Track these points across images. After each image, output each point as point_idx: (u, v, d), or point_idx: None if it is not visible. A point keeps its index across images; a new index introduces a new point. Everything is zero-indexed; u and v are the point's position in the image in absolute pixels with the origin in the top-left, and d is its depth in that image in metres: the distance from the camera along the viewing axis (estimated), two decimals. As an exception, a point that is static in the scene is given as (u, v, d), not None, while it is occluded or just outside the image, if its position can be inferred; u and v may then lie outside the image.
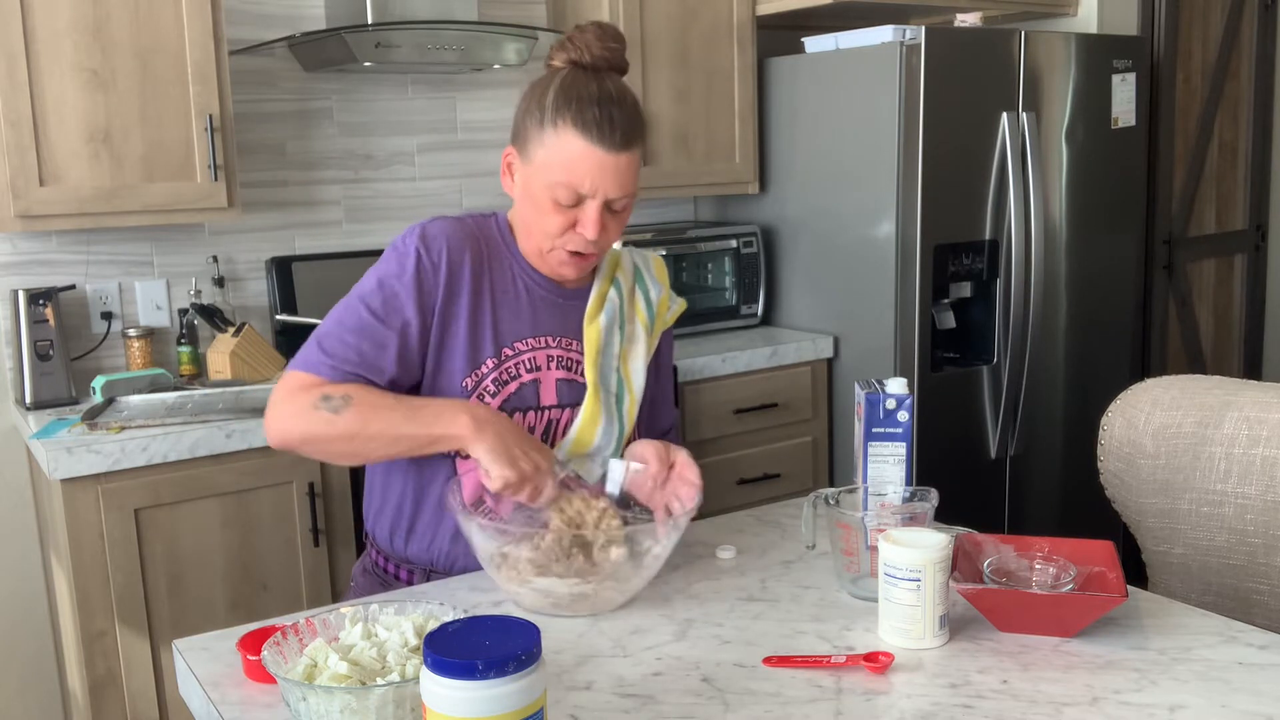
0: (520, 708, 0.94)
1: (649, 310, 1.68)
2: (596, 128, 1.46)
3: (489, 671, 0.92)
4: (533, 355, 1.58)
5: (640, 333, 1.67)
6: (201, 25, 2.48)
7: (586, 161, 1.47)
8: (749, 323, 3.39)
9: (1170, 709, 1.15)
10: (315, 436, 1.47)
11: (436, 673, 0.93)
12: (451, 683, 0.92)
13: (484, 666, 0.92)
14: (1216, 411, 1.74)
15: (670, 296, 1.73)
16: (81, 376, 2.66)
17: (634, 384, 1.65)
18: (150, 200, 2.47)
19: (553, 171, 1.48)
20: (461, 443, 1.44)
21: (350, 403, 1.45)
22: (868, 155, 3.06)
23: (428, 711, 0.95)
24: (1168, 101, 3.68)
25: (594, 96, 1.47)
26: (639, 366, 1.66)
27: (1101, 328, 3.43)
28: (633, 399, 1.64)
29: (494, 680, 0.92)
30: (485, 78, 3.20)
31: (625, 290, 1.66)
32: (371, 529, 1.69)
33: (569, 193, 1.49)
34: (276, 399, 1.49)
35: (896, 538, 1.30)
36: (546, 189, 1.49)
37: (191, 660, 1.32)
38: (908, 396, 1.46)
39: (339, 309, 1.54)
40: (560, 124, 1.47)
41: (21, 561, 2.72)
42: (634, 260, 1.71)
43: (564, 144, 1.47)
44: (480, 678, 0.92)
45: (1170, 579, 1.81)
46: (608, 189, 1.49)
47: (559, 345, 1.60)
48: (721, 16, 3.24)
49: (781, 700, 1.18)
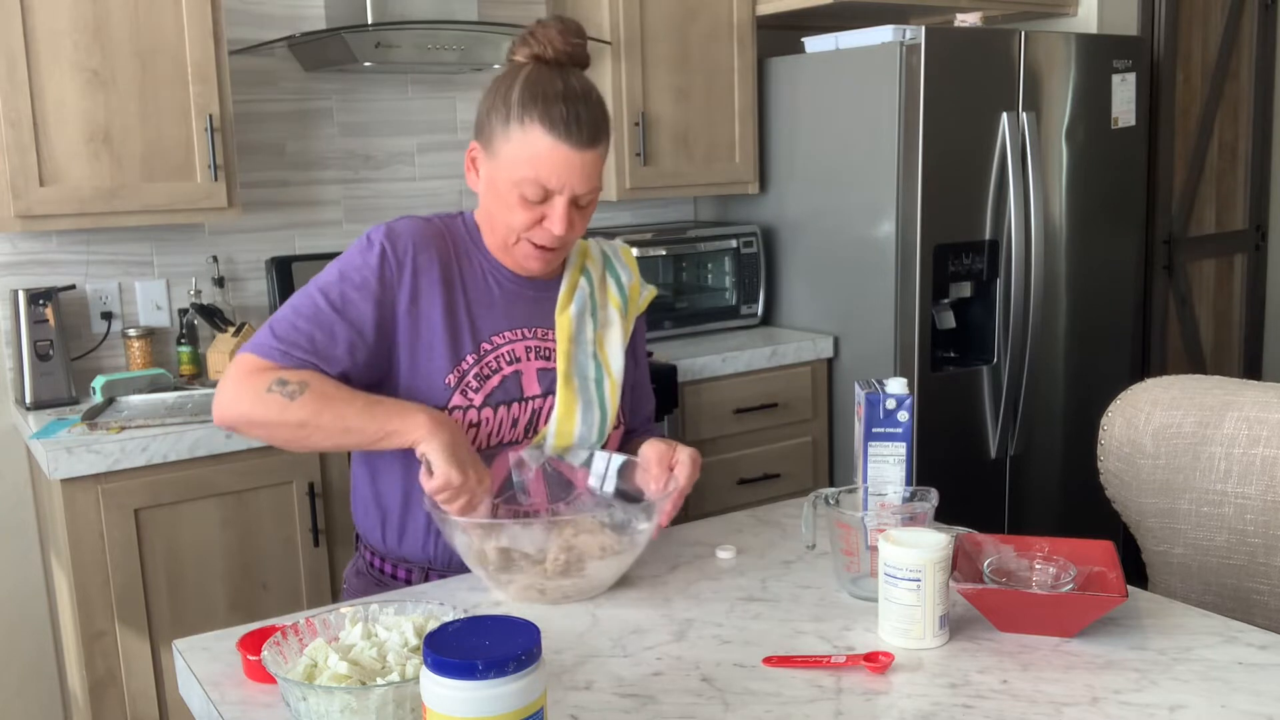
0: (520, 707, 0.93)
1: (621, 294, 1.70)
2: (564, 125, 1.46)
3: (489, 671, 0.91)
4: (511, 347, 1.59)
5: (614, 316, 1.68)
6: (201, 25, 2.48)
7: (553, 158, 1.47)
8: (749, 323, 3.39)
9: (1170, 709, 1.14)
10: (265, 420, 1.45)
11: (437, 673, 0.93)
12: (451, 683, 0.92)
13: (484, 666, 0.91)
14: (1216, 411, 1.74)
15: (641, 283, 1.74)
16: (81, 376, 2.66)
17: (612, 367, 1.65)
18: (150, 200, 2.47)
19: (519, 168, 1.49)
20: (413, 437, 1.43)
21: (305, 389, 1.44)
22: (868, 155, 3.06)
23: (428, 712, 0.95)
24: (1168, 101, 3.68)
25: (560, 93, 1.47)
26: (616, 351, 1.66)
27: (1101, 328, 3.43)
28: (613, 382, 1.65)
29: (494, 680, 0.92)
30: (485, 78, 3.20)
31: (595, 278, 1.67)
32: (361, 530, 1.69)
33: (536, 189, 1.49)
34: (228, 380, 1.48)
35: (896, 538, 1.30)
36: (513, 185, 1.50)
37: (191, 660, 1.32)
38: (908, 396, 1.46)
39: (296, 296, 1.54)
40: (527, 121, 1.47)
41: (21, 561, 2.72)
42: (602, 248, 1.73)
43: (531, 141, 1.47)
44: (480, 678, 0.92)
45: (1170, 579, 1.81)
46: (574, 185, 1.49)
47: (535, 335, 1.61)
48: (721, 16, 3.23)
49: (781, 700, 1.18)
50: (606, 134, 1.53)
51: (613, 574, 1.46)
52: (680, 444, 1.56)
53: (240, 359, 1.50)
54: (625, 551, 1.44)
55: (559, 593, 1.43)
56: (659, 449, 1.55)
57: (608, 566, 1.44)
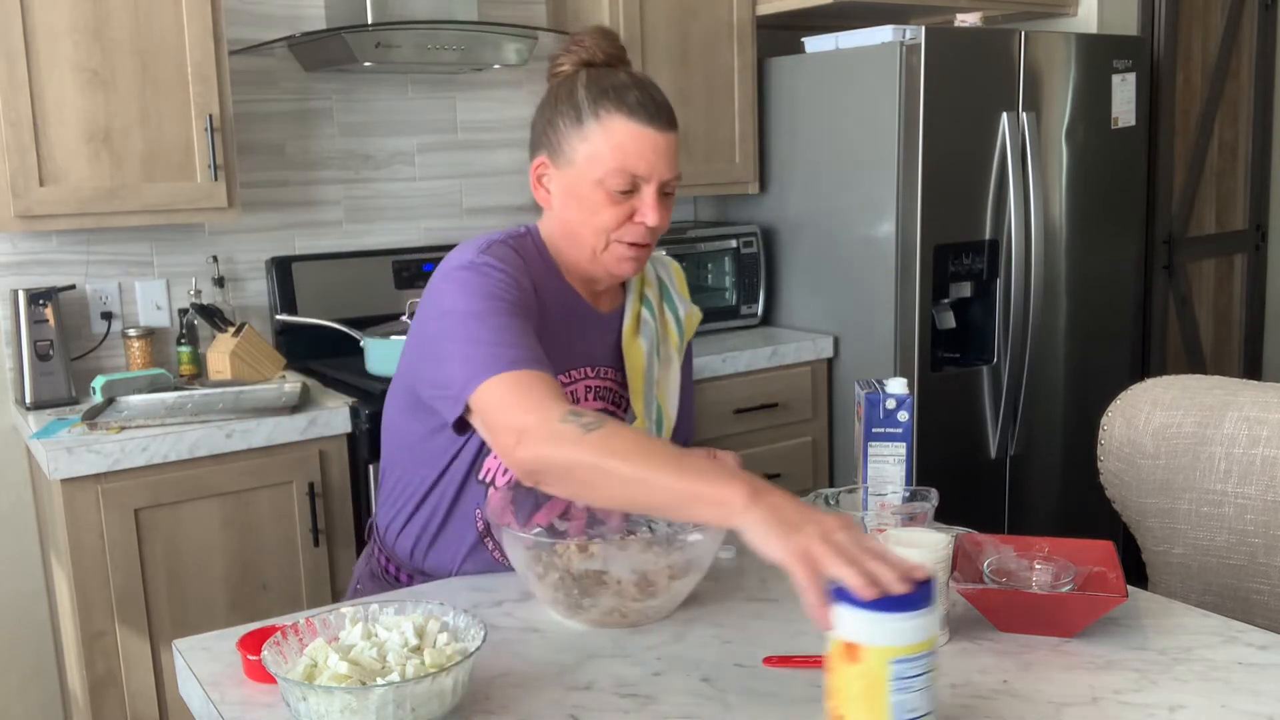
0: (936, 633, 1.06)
1: (679, 331, 1.66)
2: (643, 109, 1.44)
3: (923, 601, 1.03)
4: (572, 388, 1.54)
5: (673, 355, 1.64)
6: (201, 25, 2.48)
7: (639, 143, 1.44)
8: (749, 323, 3.39)
9: (1170, 709, 1.15)
10: (572, 463, 1.22)
11: (883, 610, 1.01)
12: (896, 615, 1.01)
13: (918, 599, 1.02)
14: (1216, 411, 1.74)
15: (692, 310, 1.70)
16: (81, 376, 2.66)
17: (669, 410, 1.62)
18: (150, 200, 2.47)
19: (603, 162, 1.45)
20: (730, 508, 1.14)
21: (604, 423, 1.23)
22: (868, 155, 3.06)
23: (863, 649, 1.02)
24: (1168, 101, 3.68)
25: (628, 83, 1.46)
26: (673, 390, 1.63)
27: (1101, 328, 3.43)
28: (669, 426, 1.62)
29: (926, 610, 1.03)
30: (485, 78, 3.20)
31: (655, 307, 1.63)
32: (387, 539, 1.65)
33: (624, 178, 1.45)
34: (509, 415, 1.27)
35: (896, 538, 1.30)
36: (597, 184, 1.45)
37: (191, 660, 1.32)
38: (908, 396, 1.46)
39: (445, 341, 1.38)
40: (604, 114, 1.44)
41: (21, 561, 2.72)
42: (658, 273, 1.67)
43: (613, 131, 1.44)
44: (920, 607, 1.02)
45: (1170, 579, 1.81)
46: (661, 170, 1.46)
47: (596, 375, 1.57)
48: (721, 16, 3.23)
49: (781, 700, 1.18)
50: (677, 121, 1.50)
51: (685, 591, 1.41)
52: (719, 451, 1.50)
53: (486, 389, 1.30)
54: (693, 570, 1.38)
55: (640, 615, 1.37)
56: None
57: (683, 585, 1.39)
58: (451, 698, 1.14)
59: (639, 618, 1.37)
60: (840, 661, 1.04)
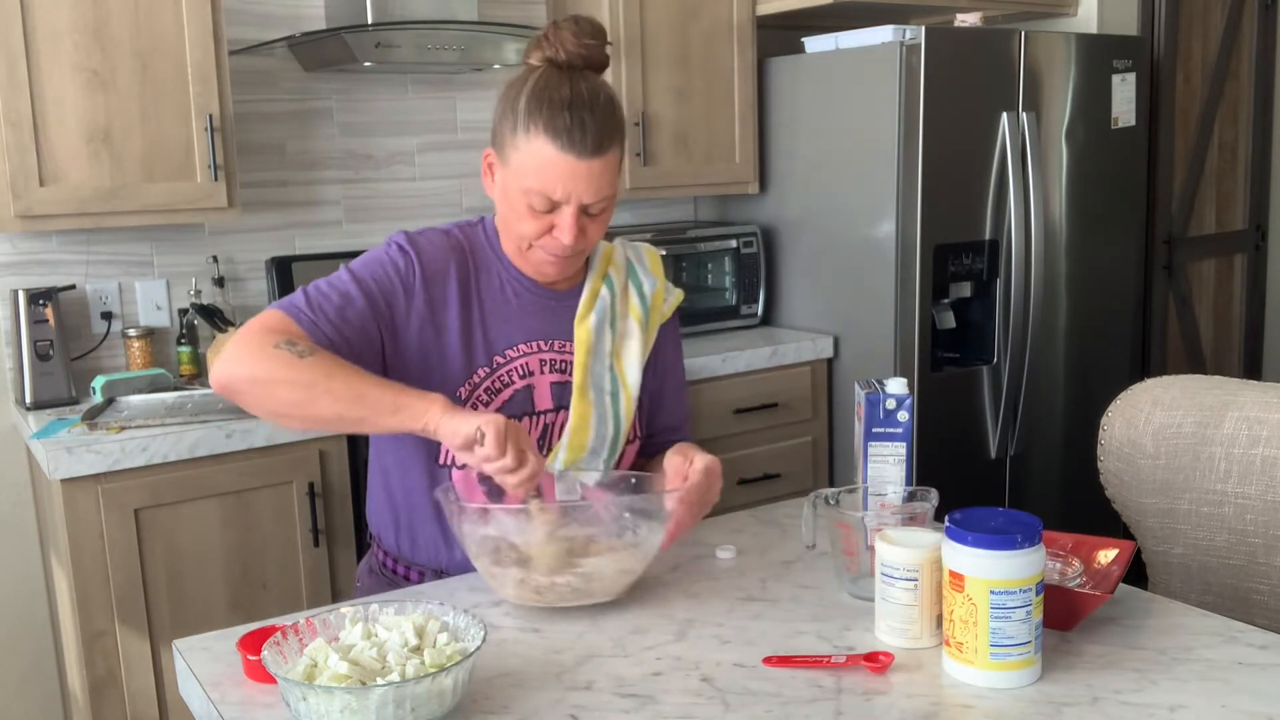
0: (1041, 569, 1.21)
1: (643, 304, 1.66)
2: (567, 134, 1.43)
3: (1028, 541, 1.18)
4: (525, 361, 1.57)
5: (634, 328, 1.64)
6: (201, 25, 2.48)
7: (557, 168, 1.45)
8: (749, 323, 3.39)
9: (1170, 709, 1.15)
10: (268, 377, 1.37)
11: (985, 547, 1.18)
12: (997, 553, 1.17)
13: (1023, 539, 1.18)
14: (1216, 411, 1.74)
15: (666, 288, 1.70)
16: (81, 376, 2.66)
17: (629, 380, 1.63)
18: (150, 200, 2.47)
19: (526, 177, 1.47)
20: (430, 415, 1.35)
21: (316, 353, 1.39)
22: (868, 155, 3.06)
23: (968, 580, 1.19)
24: (1168, 101, 3.68)
25: (566, 101, 1.44)
26: (633, 364, 1.64)
27: (1101, 327, 3.43)
28: (628, 396, 1.62)
29: (1027, 549, 1.18)
30: (485, 78, 3.20)
31: (618, 286, 1.64)
32: (376, 531, 1.68)
33: (542, 199, 1.47)
34: (235, 337, 1.42)
35: (892, 537, 1.30)
36: (521, 194, 1.48)
37: (191, 660, 1.32)
38: (908, 396, 1.46)
39: (326, 279, 1.52)
40: (532, 129, 1.45)
41: (21, 561, 2.72)
42: (627, 254, 1.69)
43: (535, 150, 1.45)
44: (1021, 546, 1.18)
45: (1170, 579, 1.81)
46: (581, 195, 1.47)
47: (551, 349, 1.59)
48: (721, 16, 3.24)
49: (781, 700, 1.18)
50: (617, 140, 1.49)
51: (613, 574, 1.42)
52: (699, 452, 1.51)
53: (261, 316, 1.45)
54: (621, 550, 1.42)
55: (554, 594, 1.39)
56: (675, 462, 1.50)
57: (605, 564, 1.40)
58: (451, 698, 1.14)
59: (553, 597, 1.39)
60: (951, 589, 1.21)
